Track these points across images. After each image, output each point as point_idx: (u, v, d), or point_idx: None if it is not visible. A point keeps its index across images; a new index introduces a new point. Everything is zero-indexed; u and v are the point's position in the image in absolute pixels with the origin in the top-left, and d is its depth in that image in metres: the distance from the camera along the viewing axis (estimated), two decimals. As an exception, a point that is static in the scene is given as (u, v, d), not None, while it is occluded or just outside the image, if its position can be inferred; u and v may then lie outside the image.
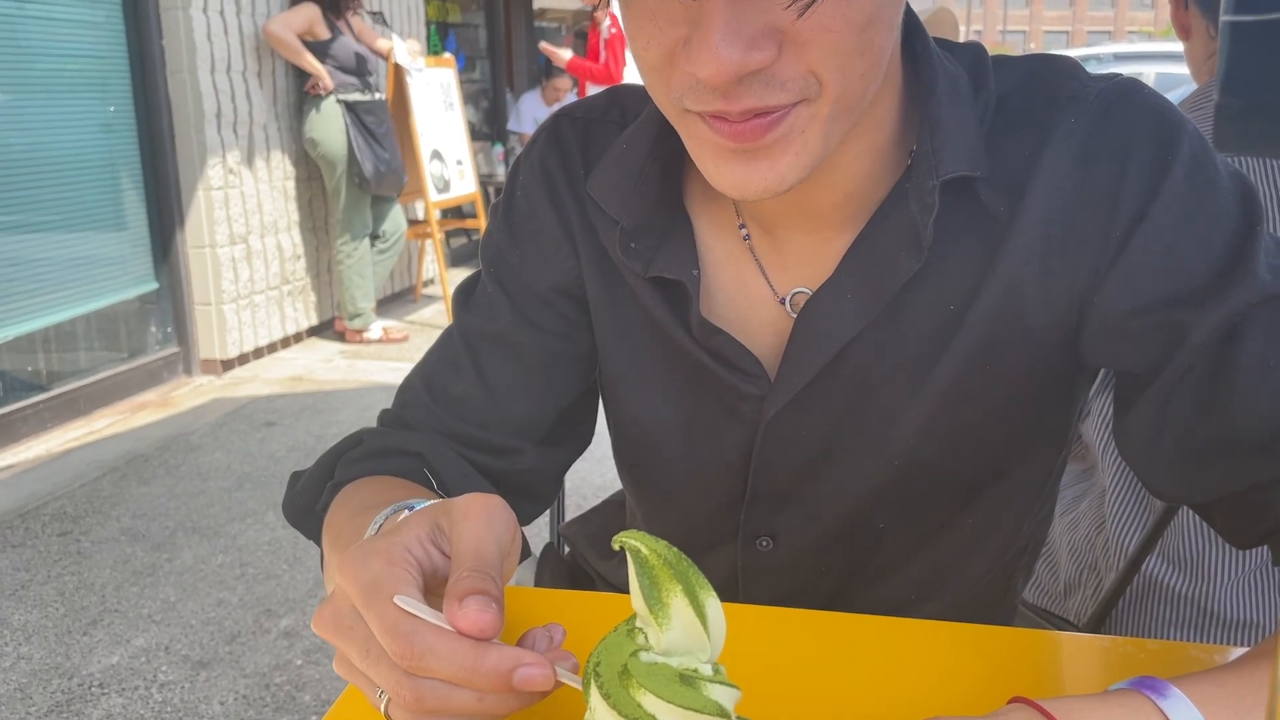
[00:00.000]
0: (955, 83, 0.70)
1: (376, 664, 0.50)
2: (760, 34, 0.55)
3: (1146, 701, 0.51)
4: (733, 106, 0.58)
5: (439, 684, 0.49)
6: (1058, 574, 1.34)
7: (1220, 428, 0.65)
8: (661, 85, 0.61)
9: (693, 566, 0.43)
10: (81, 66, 3.92)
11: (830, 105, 0.59)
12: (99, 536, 2.90)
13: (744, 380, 0.76)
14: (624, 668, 0.41)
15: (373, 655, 0.50)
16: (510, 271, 0.83)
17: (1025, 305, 0.71)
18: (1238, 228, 0.66)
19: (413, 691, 0.49)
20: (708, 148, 0.62)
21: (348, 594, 0.51)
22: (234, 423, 3.88)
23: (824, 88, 0.58)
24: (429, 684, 0.49)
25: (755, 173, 0.61)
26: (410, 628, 0.48)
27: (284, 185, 4.82)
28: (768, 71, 0.56)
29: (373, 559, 0.51)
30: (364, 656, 0.50)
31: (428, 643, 0.48)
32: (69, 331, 3.94)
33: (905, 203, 0.69)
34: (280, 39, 4.49)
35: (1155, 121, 0.68)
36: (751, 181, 0.61)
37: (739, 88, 0.57)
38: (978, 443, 0.76)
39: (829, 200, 0.72)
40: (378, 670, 0.50)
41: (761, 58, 0.55)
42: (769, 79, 0.57)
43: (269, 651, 2.33)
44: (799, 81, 0.57)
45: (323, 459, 0.80)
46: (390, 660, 0.49)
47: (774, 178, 0.61)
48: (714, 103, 0.58)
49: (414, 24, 6.20)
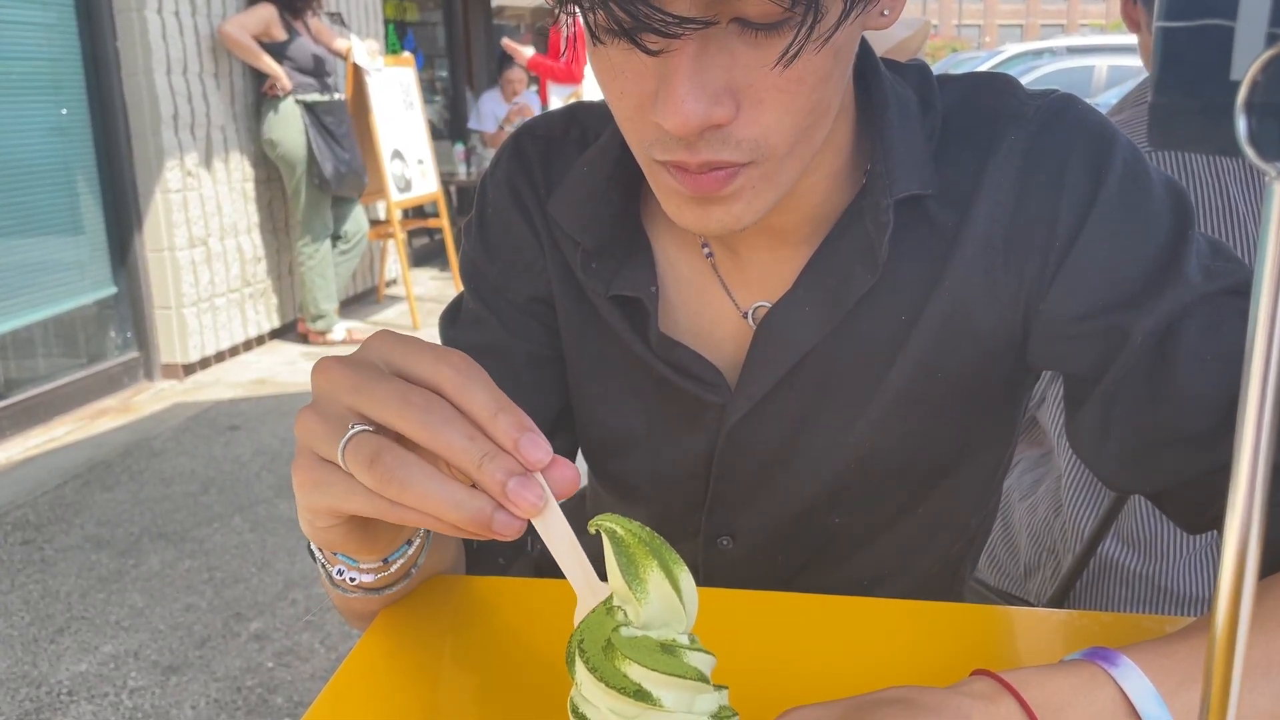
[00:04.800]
0: (905, 104, 0.74)
1: (380, 381, 0.50)
2: (722, 90, 0.58)
3: (1099, 670, 0.53)
4: (691, 159, 0.61)
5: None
6: (1017, 557, 1.38)
7: (1165, 422, 0.69)
8: (634, 134, 0.65)
9: (665, 544, 0.46)
10: (34, 69, 3.86)
11: (777, 165, 0.63)
12: (63, 544, 2.87)
13: (705, 390, 0.79)
14: (607, 642, 0.43)
15: (380, 375, 0.50)
16: (489, 286, 0.86)
17: (972, 314, 0.74)
18: (1170, 233, 0.70)
19: (414, 417, 0.48)
20: (670, 194, 0.66)
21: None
22: (197, 427, 3.85)
23: (774, 150, 0.62)
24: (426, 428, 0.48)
25: (711, 217, 0.65)
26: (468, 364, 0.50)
27: (243, 187, 4.78)
28: (725, 130, 0.60)
29: None
30: (368, 377, 0.50)
31: (478, 378, 0.49)
32: (26, 338, 3.89)
33: (861, 220, 0.73)
34: (236, 40, 4.46)
35: (1089, 136, 0.71)
36: (709, 223, 0.66)
37: (699, 142, 0.60)
38: (928, 443, 0.80)
39: (788, 221, 0.75)
40: (378, 386, 0.49)
41: (723, 113, 0.58)
42: (725, 136, 0.60)
43: (239, 655, 2.32)
44: (751, 143, 0.61)
45: None
46: (399, 385, 0.49)
47: (729, 220, 0.65)
48: (677, 153, 0.61)
49: (372, 23, 6.17)
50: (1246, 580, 0.27)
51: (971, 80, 0.77)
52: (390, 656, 0.69)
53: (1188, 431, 0.68)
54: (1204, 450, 0.67)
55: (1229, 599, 0.27)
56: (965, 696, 0.52)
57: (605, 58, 0.61)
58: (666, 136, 0.61)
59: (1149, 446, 0.70)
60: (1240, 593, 0.27)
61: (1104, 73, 12.18)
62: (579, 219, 0.79)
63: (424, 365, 0.51)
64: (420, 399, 0.49)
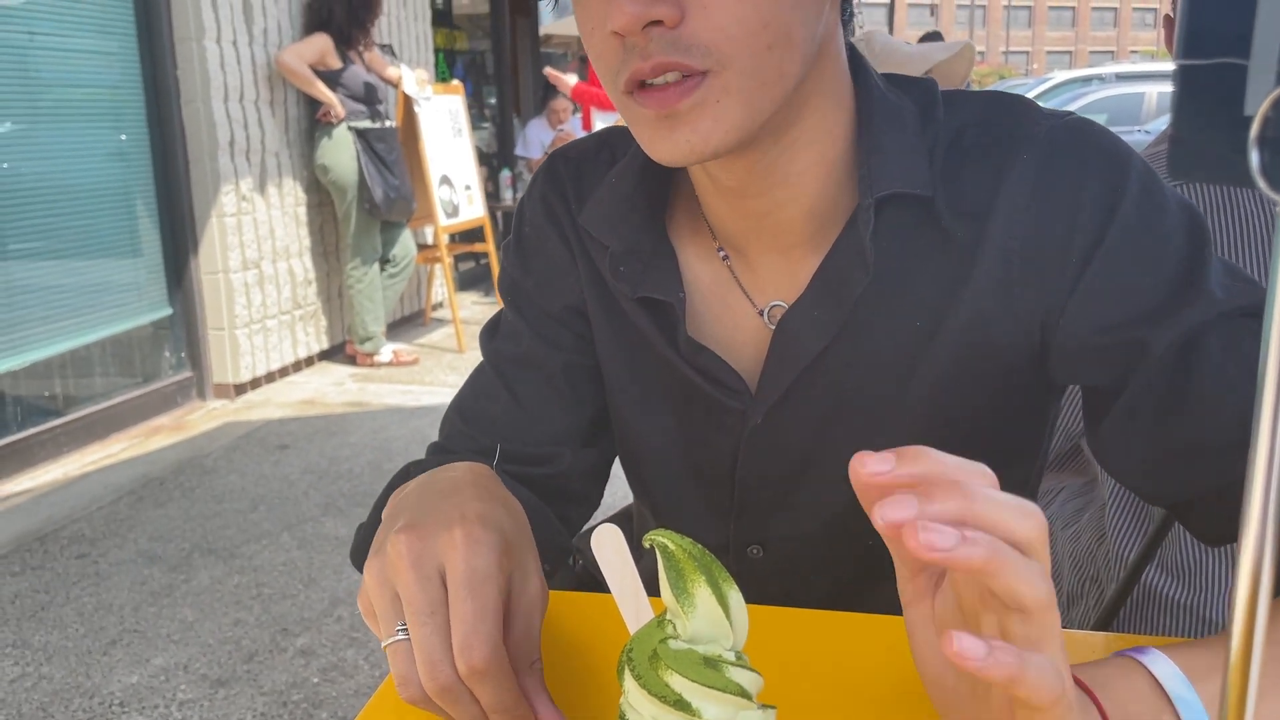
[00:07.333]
0: (898, 111, 0.76)
1: (430, 628, 0.56)
2: None
3: (1129, 660, 0.56)
4: (645, 63, 0.65)
5: (463, 690, 0.55)
6: (1061, 585, 1.37)
7: (1187, 433, 0.70)
8: (604, 70, 0.69)
9: (716, 561, 0.47)
10: (96, 96, 4.00)
11: (738, 78, 0.66)
12: (116, 558, 2.94)
13: (727, 394, 0.82)
14: (654, 653, 0.45)
15: (434, 622, 0.56)
16: (526, 298, 0.90)
17: (992, 326, 0.76)
18: (1188, 249, 0.71)
19: (441, 677, 0.55)
20: (642, 124, 0.69)
21: (448, 557, 0.58)
22: (247, 446, 3.92)
23: (729, 59, 0.65)
24: (457, 686, 0.55)
25: (679, 136, 0.67)
26: (496, 637, 0.55)
27: (295, 211, 4.89)
28: (674, 32, 0.64)
29: (481, 543, 0.59)
30: (424, 615, 0.56)
31: (498, 661, 0.55)
32: (84, 357, 4.00)
33: (856, 222, 0.75)
34: (293, 69, 4.57)
35: (1105, 156, 0.73)
36: (678, 147, 0.68)
37: (649, 45, 0.64)
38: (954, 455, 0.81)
39: (791, 217, 0.78)
40: (425, 635, 0.56)
41: (664, 10, 0.63)
42: (675, 39, 0.64)
43: (286, 670, 2.36)
44: (702, 48, 0.64)
45: (378, 500, 0.85)
46: (444, 634, 0.55)
47: (697, 140, 0.67)
48: (633, 63, 0.65)
49: (422, 52, 6.29)
50: (1262, 593, 0.29)
51: (987, 98, 0.80)
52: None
53: (1209, 443, 0.69)
54: (1225, 462, 0.68)
55: (1244, 611, 0.28)
56: None
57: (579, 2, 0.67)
58: (624, 54, 0.65)
59: (1172, 457, 0.71)
60: (1256, 604, 0.28)
61: (1154, 100, 12.03)
62: (607, 225, 0.83)
63: None
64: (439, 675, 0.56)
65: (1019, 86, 16.38)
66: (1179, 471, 0.71)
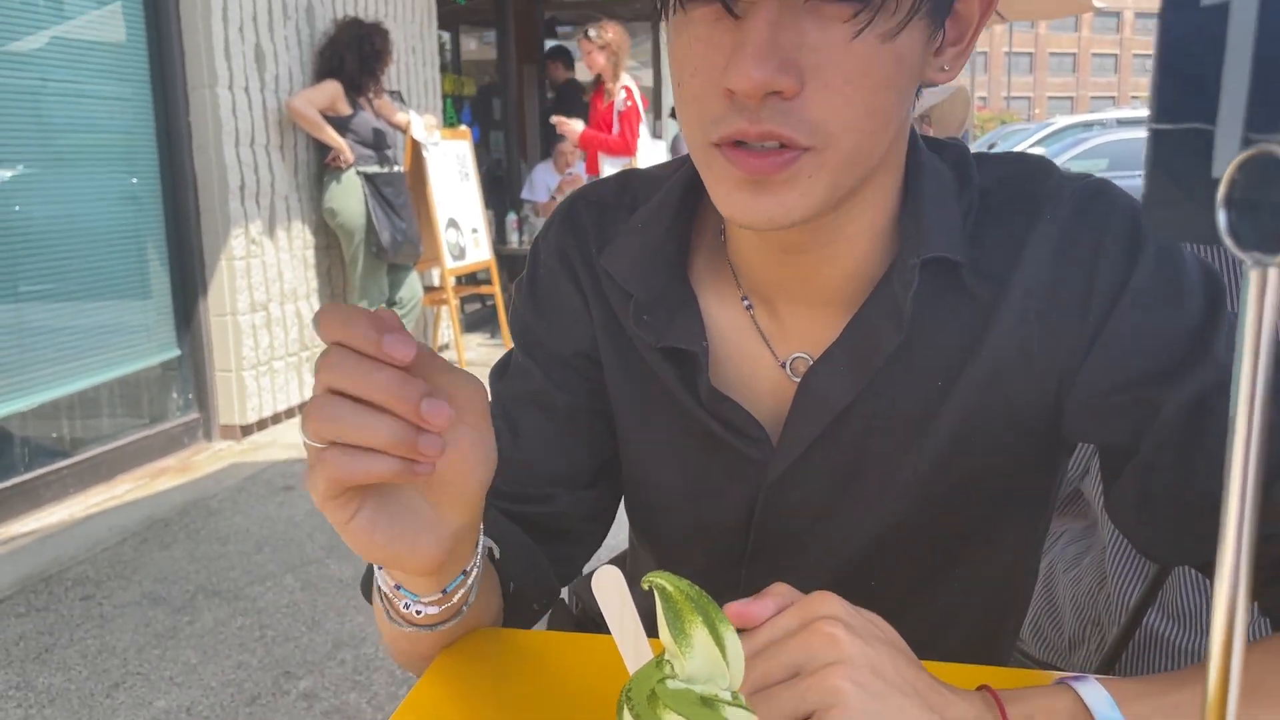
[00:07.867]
0: (940, 176, 0.78)
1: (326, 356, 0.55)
2: (790, 61, 0.62)
3: (1065, 686, 0.60)
4: (753, 127, 0.64)
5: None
6: (1062, 629, 1.38)
7: (1201, 492, 0.71)
8: (696, 114, 0.68)
9: (713, 603, 0.49)
10: (109, 140, 4.05)
11: (838, 157, 0.66)
12: (121, 600, 2.94)
13: (748, 445, 0.82)
14: (652, 692, 0.46)
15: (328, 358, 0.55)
16: (536, 340, 0.91)
17: (1009, 384, 0.77)
18: (1204, 310, 0.73)
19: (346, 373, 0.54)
20: (724, 180, 0.68)
21: None
22: (253, 487, 3.93)
23: (833, 140, 0.65)
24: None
25: (762, 203, 0.67)
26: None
27: (304, 254, 4.93)
28: (789, 104, 0.63)
29: None
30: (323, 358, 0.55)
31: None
32: (92, 398, 4.02)
33: (891, 281, 0.76)
34: (303, 115, 4.64)
35: (1123, 217, 0.75)
36: (757, 212, 0.67)
37: (763, 111, 0.63)
38: (964, 509, 0.82)
39: (830, 276, 0.79)
40: (322, 361, 0.55)
41: (788, 81, 0.62)
42: (788, 110, 0.63)
43: (288, 713, 2.35)
44: (812, 125, 0.64)
45: None
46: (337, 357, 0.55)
47: (779, 212, 0.67)
48: (738, 123, 0.64)
49: (431, 98, 6.37)
50: (1236, 640, 0.30)
51: (1011, 160, 0.81)
52: (436, 712, 0.71)
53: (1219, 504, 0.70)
54: None
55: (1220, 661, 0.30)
56: (962, 699, 0.59)
57: (685, 31, 0.66)
58: (730, 110, 0.64)
59: (1185, 517, 0.72)
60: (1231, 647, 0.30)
61: (1154, 144, 12.07)
62: (633, 272, 0.83)
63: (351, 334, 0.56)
64: (351, 361, 0.54)
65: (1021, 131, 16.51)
66: (1193, 531, 0.72)
